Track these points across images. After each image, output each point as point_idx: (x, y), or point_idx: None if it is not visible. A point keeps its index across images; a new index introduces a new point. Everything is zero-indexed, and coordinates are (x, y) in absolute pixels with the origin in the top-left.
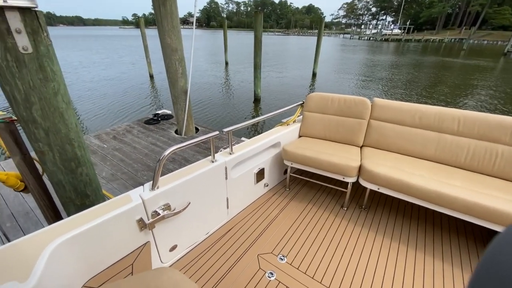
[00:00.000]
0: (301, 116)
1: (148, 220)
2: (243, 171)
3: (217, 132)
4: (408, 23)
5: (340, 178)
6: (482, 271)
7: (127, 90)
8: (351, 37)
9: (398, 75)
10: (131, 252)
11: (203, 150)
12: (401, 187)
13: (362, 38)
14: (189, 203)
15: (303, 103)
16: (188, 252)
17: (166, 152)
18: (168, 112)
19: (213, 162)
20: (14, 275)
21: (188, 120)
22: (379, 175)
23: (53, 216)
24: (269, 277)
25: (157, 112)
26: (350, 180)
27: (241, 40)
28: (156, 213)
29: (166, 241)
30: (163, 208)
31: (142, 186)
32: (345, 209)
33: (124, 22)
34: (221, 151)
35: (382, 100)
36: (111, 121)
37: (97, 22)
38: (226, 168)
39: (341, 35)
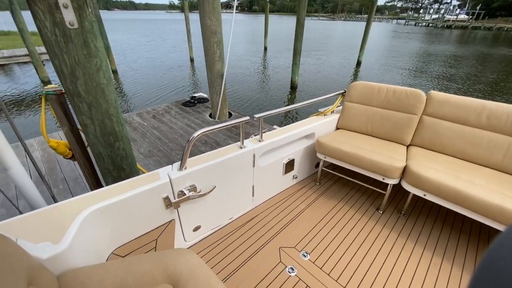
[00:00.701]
0: (341, 107)
1: (174, 199)
2: (272, 160)
3: (247, 118)
4: (478, 7)
5: (379, 178)
6: (481, 275)
7: (167, 72)
8: (406, 23)
9: (456, 68)
10: (157, 228)
11: (234, 136)
12: (454, 196)
13: (419, 24)
14: (215, 186)
15: (344, 92)
16: (210, 235)
17: (195, 134)
18: (205, 95)
19: (241, 148)
20: (49, 236)
21: (222, 104)
22: (428, 180)
23: (95, 184)
24: (289, 272)
25: (194, 95)
26: (391, 182)
27: (283, 25)
28: (182, 193)
29: (190, 221)
30: (189, 189)
31: (171, 165)
32: (381, 212)
33: (171, 7)
34: (251, 137)
35: (440, 93)
36: (149, 100)
37: (147, 7)
38: (254, 156)
39: (394, 21)
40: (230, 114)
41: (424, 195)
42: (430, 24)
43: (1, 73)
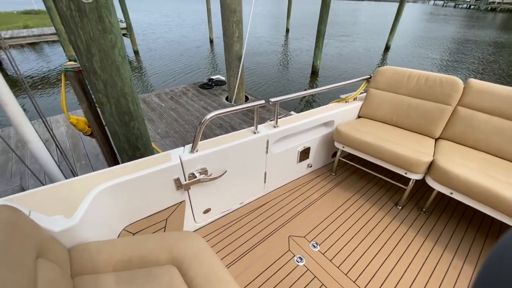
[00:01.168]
0: (365, 94)
1: (185, 181)
2: (286, 148)
3: (262, 101)
4: None
5: (401, 172)
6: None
7: (186, 53)
8: (444, 4)
9: (498, 56)
10: (167, 208)
11: (250, 120)
12: (486, 197)
13: (459, 6)
14: (226, 171)
15: (370, 77)
16: (220, 218)
17: (208, 116)
18: (222, 78)
19: (255, 133)
20: (63, 210)
21: (239, 88)
22: (458, 177)
23: (112, 161)
24: (297, 261)
25: (211, 77)
26: (414, 177)
27: (307, 6)
28: (193, 175)
29: (200, 203)
30: (200, 172)
31: (183, 147)
32: (400, 208)
33: None
34: (267, 122)
35: (481, 82)
36: (167, 81)
37: None
38: (267, 142)
39: (431, 2)
40: (246, 98)
41: (451, 193)
42: (472, 6)
43: (32, 51)
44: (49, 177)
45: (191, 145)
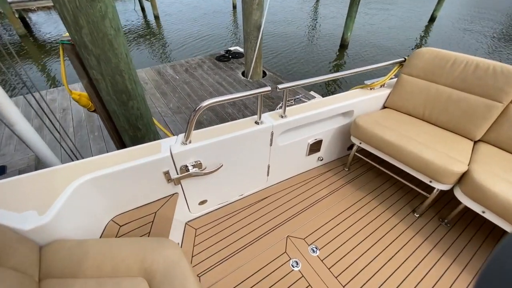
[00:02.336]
0: (395, 79)
1: (177, 174)
2: (294, 140)
3: (268, 88)
4: None
5: (425, 180)
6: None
7: (205, 19)
8: None
9: None
10: (157, 200)
11: (265, 99)
12: None
13: None
14: (221, 165)
15: (404, 60)
16: (218, 209)
17: (203, 104)
18: (240, 50)
19: (258, 123)
20: (36, 204)
21: (257, 62)
22: (496, 196)
23: (117, 138)
24: (293, 265)
25: (229, 48)
26: (440, 187)
27: None
28: (185, 168)
29: (195, 195)
30: (193, 165)
31: (176, 137)
32: (417, 216)
33: None
34: (276, 110)
35: None
36: (183, 50)
37: None
38: (272, 134)
39: None
40: (264, 74)
41: (483, 212)
42: None
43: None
44: (43, 162)
45: (184, 134)
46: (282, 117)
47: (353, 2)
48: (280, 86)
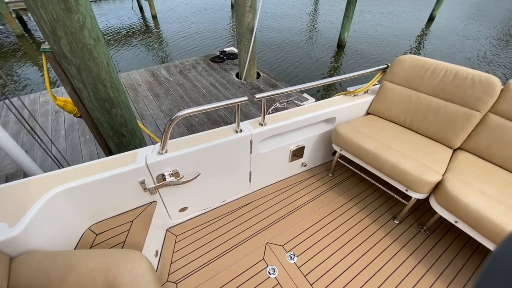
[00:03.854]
0: (378, 86)
1: (154, 183)
2: (275, 147)
3: (245, 98)
4: None
5: (402, 189)
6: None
7: (202, 19)
8: None
9: None
10: (134, 209)
11: (258, 102)
12: (497, 236)
13: None
14: (199, 174)
15: (387, 67)
16: (199, 215)
17: (180, 113)
18: (235, 50)
19: (237, 132)
20: (7, 217)
21: (250, 64)
22: (467, 207)
23: (104, 144)
24: (269, 273)
25: (224, 49)
26: (416, 196)
27: None
28: (162, 177)
29: (175, 203)
30: (170, 173)
31: (152, 146)
32: (397, 222)
33: None
34: (270, 111)
35: None
36: (178, 51)
37: None
38: (251, 142)
39: None
40: (258, 75)
41: (456, 222)
42: None
43: None
44: (24, 170)
45: (160, 144)
46: (261, 125)
47: (350, 2)
48: (257, 96)
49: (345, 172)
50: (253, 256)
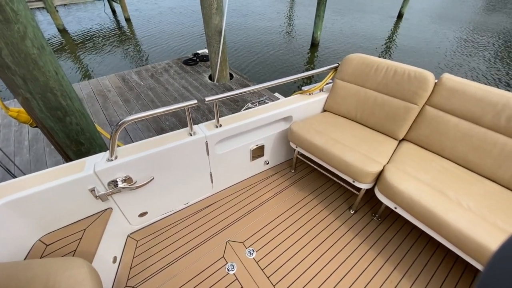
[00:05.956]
0: (332, 84)
1: (105, 190)
2: (234, 147)
3: (194, 101)
4: None
5: (350, 180)
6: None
7: (175, 21)
8: None
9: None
10: (87, 217)
11: (230, 103)
12: (427, 218)
13: None
14: (152, 178)
15: (337, 66)
16: (162, 219)
17: (127, 119)
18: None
19: (191, 135)
20: None
21: (222, 65)
22: (402, 194)
23: (63, 152)
24: (228, 269)
25: (197, 51)
26: (363, 186)
27: None
28: (114, 183)
29: (132, 208)
30: (123, 179)
31: (102, 153)
32: (353, 212)
33: None
34: (242, 111)
35: (455, 78)
36: (151, 54)
37: None
38: (207, 144)
39: None
40: (231, 76)
41: (395, 208)
42: None
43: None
44: None
45: (108, 152)
46: (216, 127)
47: (321, 1)
48: (207, 99)
49: (306, 168)
50: (213, 255)
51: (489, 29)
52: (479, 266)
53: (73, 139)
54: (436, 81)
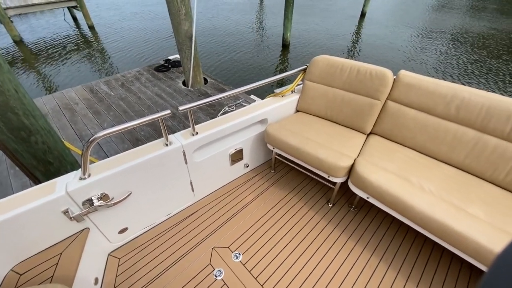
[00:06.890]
0: (302, 85)
1: (80, 210)
2: (212, 153)
3: (168, 112)
4: None
5: (325, 175)
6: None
7: (143, 28)
8: None
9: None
10: (62, 240)
11: (207, 108)
12: (395, 204)
13: None
14: (130, 193)
15: (306, 68)
16: (144, 233)
17: (98, 134)
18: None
19: (166, 145)
20: None
21: (195, 70)
22: (372, 184)
23: (30, 174)
24: (216, 275)
25: (169, 58)
26: (337, 180)
27: None
28: (89, 202)
29: (111, 225)
30: (98, 197)
31: (74, 172)
32: (331, 205)
33: None
34: (219, 115)
35: (411, 74)
36: (121, 62)
37: None
38: (184, 153)
39: None
40: (206, 81)
41: (368, 197)
42: None
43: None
44: None
45: (80, 170)
46: (193, 134)
47: (288, 3)
48: (180, 108)
49: (285, 167)
50: (200, 263)
51: (440, 25)
52: (444, 244)
53: (40, 159)
54: (394, 77)
